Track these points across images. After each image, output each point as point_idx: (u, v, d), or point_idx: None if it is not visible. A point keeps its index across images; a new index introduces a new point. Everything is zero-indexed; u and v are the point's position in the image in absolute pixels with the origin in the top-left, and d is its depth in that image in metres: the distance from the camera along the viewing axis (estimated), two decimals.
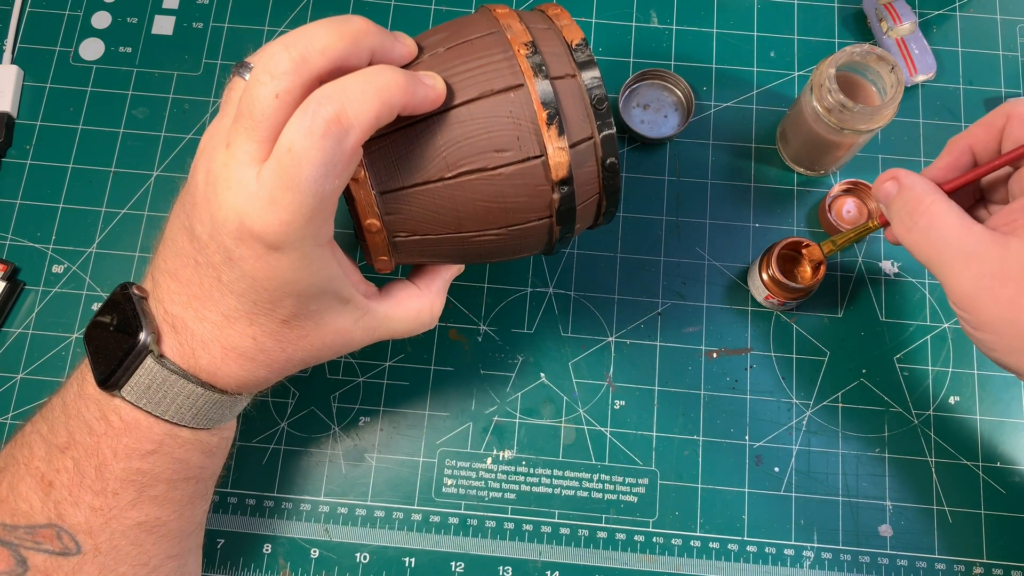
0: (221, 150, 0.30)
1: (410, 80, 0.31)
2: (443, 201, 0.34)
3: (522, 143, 0.34)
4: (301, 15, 0.57)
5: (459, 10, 0.57)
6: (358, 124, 0.29)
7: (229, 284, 0.32)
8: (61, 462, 0.34)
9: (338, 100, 0.29)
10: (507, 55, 0.34)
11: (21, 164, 0.54)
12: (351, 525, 0.48)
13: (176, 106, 0.55)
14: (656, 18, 0.57)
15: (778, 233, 0.52)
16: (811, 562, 0.47)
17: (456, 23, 0.37)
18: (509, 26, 0.35)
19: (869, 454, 0.49)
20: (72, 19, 0.57)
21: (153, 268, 0.35)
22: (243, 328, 0.33)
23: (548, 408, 0.50)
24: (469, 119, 0.33)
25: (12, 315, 0.51)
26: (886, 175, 0.38)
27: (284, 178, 0.29)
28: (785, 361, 0.51)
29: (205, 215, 0.31)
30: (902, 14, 0.54)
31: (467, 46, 0.35)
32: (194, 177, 0.32)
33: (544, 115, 0.34)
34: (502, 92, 0.34)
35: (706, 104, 0.55)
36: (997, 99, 0.55)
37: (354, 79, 0.30)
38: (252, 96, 0.29)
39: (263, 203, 0.29)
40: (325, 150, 0.29)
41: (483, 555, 0.47)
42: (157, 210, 0.53)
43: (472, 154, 0.34)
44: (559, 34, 0.36)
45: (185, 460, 0.36)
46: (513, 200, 0.35)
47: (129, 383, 0.33)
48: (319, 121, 0.28)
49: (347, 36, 0.30)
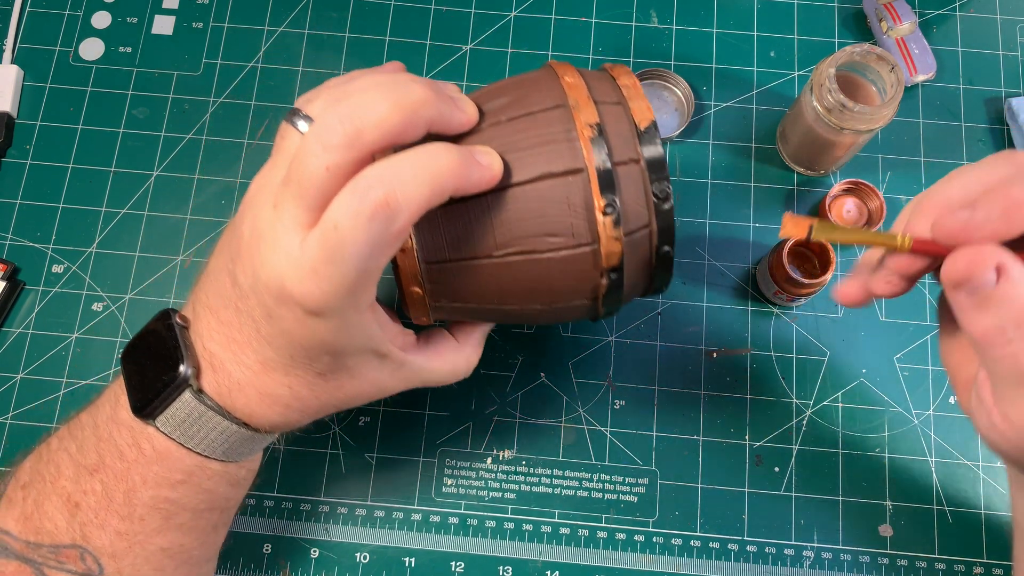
0: (268, 208, 0.30)
1: (465, 163, 0.30)
2: (488, 277, 0.34)
3: (575, 230, 0.32)
4: (301, 15, 0.57)
5: (459, 10, 0.57)
6: (407, 209, 0.28)
7: (267, 337, 0.32)
8: (89, 484, 0.34)
9: (389, 183, 0.28)
10: (570, 136, 0.32)
11: (21, 164, 0.54)
12: (351, 525, 0.48)
13: (176, 106, 0.55)
14: (656, 18, 0.57)
15: (778, 233, 0.52)
16: (811, 562, 0.47)
17: (522, 85, 0.34)
18: (576, 102, 0.33)
19: (869, 454, 0.49)
20: (72, 19, 0.57)
21: (195, 299, 0.35)
22: (279, 377, 0.33)
23: (548, 408, 0.50)
24: (523, 200, 0.32)
25: (12, 315, 0.51)
26: (980, 255, 0.26)
27: (328, 252, 0.28)
28: (785, 361, 0.51)
29: (248, 268, 0.31)
30: (902, 14, 0.54)
31: (530, 120, 0.33)
32: (240, 223, 0.32)
33: (602, 203, 0.32)
34: (561, 175, 0.32)
35: (706, 104, 0.55)
36: (997, 99, 0.55)
37: (407, 162, 0.28)
38: (302, 165, 0.28)
39: (305, 272, 0.29)
40: (371, 232, 0.28)
41: (483, 555, 0.47)
42: (157, 210, 0.53)
43: (523, 236, 0.32)
44: (627, 112, 0.34)
45: (212, 491, 0.36)
46: (559, 283, 0.34)
47: (165, 414, 0.33)
48: (368, 204, 0.27)
49: (405, 108, 0.29)
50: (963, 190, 0.28)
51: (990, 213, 0.26)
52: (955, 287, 0.27)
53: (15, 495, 0.35)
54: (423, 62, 0.56)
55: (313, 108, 0.32)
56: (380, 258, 0.29)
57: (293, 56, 0.56)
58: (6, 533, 0.34)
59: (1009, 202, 0.26)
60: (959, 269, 0.27)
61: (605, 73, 0.36)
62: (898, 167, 0.54)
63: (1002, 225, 0.26)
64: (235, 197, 0.54)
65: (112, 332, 0.51)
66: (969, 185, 0.28)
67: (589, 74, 0.35)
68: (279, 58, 0.56)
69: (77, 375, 0.50)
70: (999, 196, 0.26)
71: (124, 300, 0.52)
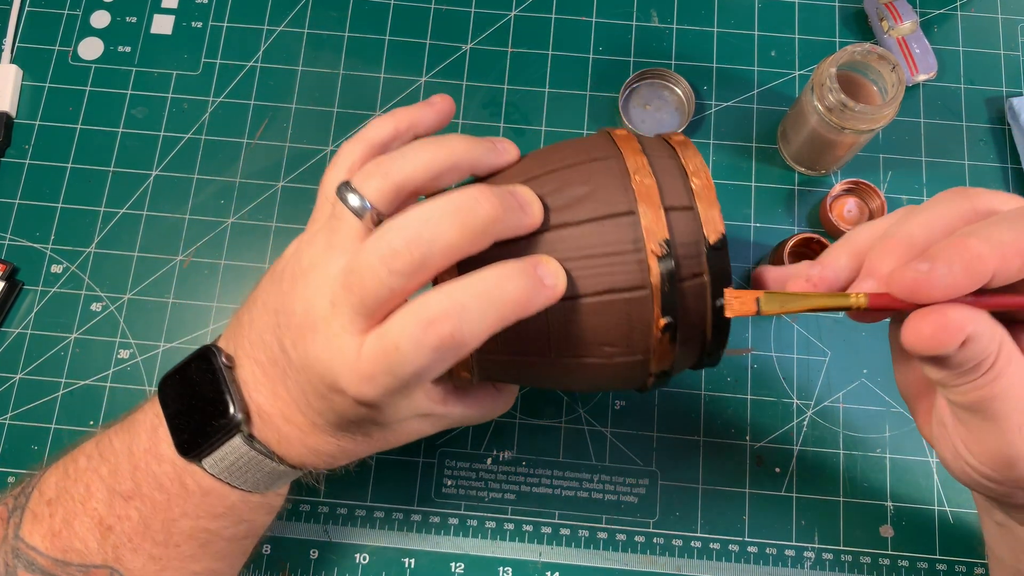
0: (325, 302, 0.30)
1: (533, 291, 0.29)
2: (538, 371, 0.34)
3: (631, 343, 0.32)
4: (300, 14, 0.57)
5: (459, 9, 0.57)
6: (471, 341, 0.28)
7: (317, 409, 0.32)
8: (124, 510, 0.34)
9: (456, 317, 0.27)
10: (639, 256, 0.31)
11: (20, 164, 0.54)
12: (351, 526, 0.48)
13: (175, 105, 0.55)
14: (656, 17, 0.57)
15: (779, 233, 0.52)
16: (812, 563, 0.47)
17: (590, 177, 0.32)
18: (647, 212, 0.31)
19: (870, 454, 0.49)
20: (71, 18, 0.57)
21: (236, 343, 0.34)
22: (327, 438, 0.34)
23: (548, 408, 0.50)
24: (584, 313, 0.31)
25: (11, 315, 0.51)
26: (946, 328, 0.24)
27: (386, 367, 0.28)
28: (786, 361, 0.50)
29: (301, 351, 0.31)
30: (903, 13, 0.54)
31: (598, 227, 0.31)
32: (290, 291, 0.31)
33: (662, 323, 0.31)
34: (624, 291, 0.31)
35: (707, 103, 0.55)
36: (998, 98, 0.55)
37: (475, 294, 0.28)
38: (366, 282, 0.28)
39: (361, 376, 0.29)
40: (432, 359, 0.28)
41: (483, 556, 0.47)
42: (156, 210, 0.53)
43: (579, 345, 0.32)
44: (699, 223, 0.32)
45: (251, 521, 0.36)
46: (608, 379, 0.34)
47: (213, 456, 0.33)
48: (432, 337, 0.27)
49: (474, 233, 0.28)
50: (925, 230, 0.27)
51: (952, 268, 0.24)
52: (918, 353, 0.25)
53: (40, 510, 0.35)
54: (423, 62, 0.56)
55: (367, 186, 0.30)
56: (437, 373, 0.29)
57: (292, 55, 0.56)
58: (33, 549, 0.34)
59: (971, 256, 0.24)
60: (923, 337, 0.24)
61: (675, 158, 0.34)
62: (899, 167, 0.54)
63: (964, 280, 0.24)
64: (234, 196, 0.53)
65: (111, 332, 0.51)
66: (932, 225, 0.27)
67: (659, 164, 0.33)
68: (278, 57, 0.56)
69: (76, 375, 0.50)
70: (961, 249, 0.24)
71: (123, 300, 0.51)
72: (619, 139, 0.34)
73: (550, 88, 0.56)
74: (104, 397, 0.50)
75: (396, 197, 0.31)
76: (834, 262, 0.29)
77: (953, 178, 0.53)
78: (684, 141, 0.34)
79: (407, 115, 0.35)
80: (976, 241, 0.24)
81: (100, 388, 0.50)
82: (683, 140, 0.34)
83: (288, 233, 0.53)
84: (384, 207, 0.30)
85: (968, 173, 0.54)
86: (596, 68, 0.56)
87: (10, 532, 0.35)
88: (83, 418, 0.49)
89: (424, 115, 0.36)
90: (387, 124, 0.35)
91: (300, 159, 0.54)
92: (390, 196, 0.30)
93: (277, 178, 0.54)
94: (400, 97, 0.55)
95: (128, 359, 0.50)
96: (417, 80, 0.56)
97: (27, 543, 0.34)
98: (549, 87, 0.56)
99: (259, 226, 0.53)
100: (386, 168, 0.30)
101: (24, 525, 0.35)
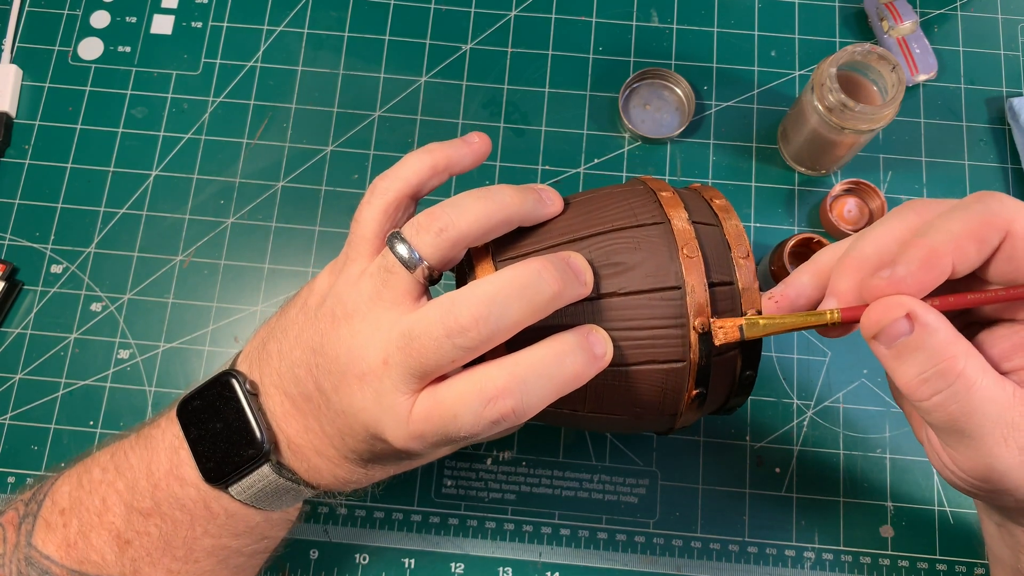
0: (377, 357, 0.29)
1: (589, 365, 0.30)
2: (566, 421, 0.36)
3: (663, 407, 0.34)
4: (300, 14, 0.57)
5: (459, 9, 0.57)
6: (529, 413, 0.29)
7: (352, 446, 0.32)
8: (143, 526, 0.34)
9: (517, 394, 0.28)
10: (682, 330, 0.32)
11: (20, 164, 0.54)
12: (351, 526, 0.48)
13: (175, 105, 0.55)
14: (657, 17, 0.57)
15: (779, 233, 0.52)
16: (812, 563, 0.47)
17: (642, 245, 0.33)
18: (693, 289, 0.32)
19: (870, 454, 0.49)
20: (71, 18, 0.57)
21: (262, 371, 0.34)
22: (358, 469, 0.34)
23: None
24: (623, 378, 0.32)
25: (11, 315, 0.51)
26: (888, 305, 0.26)
27: (439, 428, 0.29)
28: (786, 361, 0.50)
29: (345, 398, 0.30)
30: (903, 13, 0.54)
31: (646, 302, 0.32)
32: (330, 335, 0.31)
33: (693, 393, 0.33)
34: (663, 363, 0.32)
35: (707, 103, 0.55)
36: (998, 98, 0.55)
37: (536, 375, 0.29)
38: (427, 347, 0.28)
39: (410, 434, 0.29)
40: (490, 430, 0.29)
41: (483, 556, 0.47)
42: (156, 210, 0.53)
43: (612, 405, 0.33)
44: (738, 300, 0.32)
45: (272, 537, 0.37)
46: (629, 431, 0.35)
47: (240, 483, 0.33)
48: (492, 412, 0.28)
49: (539, 309, 0.29)
50: (875, 246, 0.28)
51: (910, 266, 0.26)
52: (873, 340, 0.27)
53: (53, 519, 0.34)
54: (423, 62, 0.56)
55: (421, 241, 0.30)
56: (490, 438, 0.30)
57: (292, 55, 0.56)
58: (47, 558, 0.34)
59: (925, 251, 0.26)
60: (871, 321, 0.26)
61: (718, 226, 0.34)
62: (899, 167, 0.54)
63: (925, 275, 0.26)
64: (234, 197, 0.53)
65: (111, 332, 0.51)
66: (881, 240, 0.28)
67: (705, 236, 0.33)
68: (278, 58, 0.56)
69: (76, 375, 0.50)
70: (915, 248, 0.26)
71: (123, 300, 0.51)
72: (665, 202, 0.34)
73: (550, 88, 0.56)
74: (104, 397, 0.50)
75: (449, 253, 0.31)
76: (796, 281, 0.31)
77: (953, 178, 0.53)
78: (726, 207, 0.35)
79: (444, 153, 0.34)
80: (928, 238, 0.26)
81: (100, 388, 0.50)
82: (725, 206, 0.35)
83: (288, 233, 0.53)
84: (438, 264, 0.30)
85: (968, 173, 0.54)
86: (596, 68, 0.56)
87: (22, 539, 0.34)
88: (83, 418, 0.49)
89: (462, 155, 0.35)
90: (424, 162, 0.34)
91: (300, 159, 0.54)
92: (444, 253, 0.30)
93: (277, 178, 0.54)
94: (400, 97, 0.55)
95: (128, 359, 0.50)
96: (417, 80, 0.56)
97: (41, 551, 0.34)
98: (549, 87, 0.56)
99: (259, 226, 0.53)
100: (441, 224, 0.30)
101: (37, 533, 0.34)
